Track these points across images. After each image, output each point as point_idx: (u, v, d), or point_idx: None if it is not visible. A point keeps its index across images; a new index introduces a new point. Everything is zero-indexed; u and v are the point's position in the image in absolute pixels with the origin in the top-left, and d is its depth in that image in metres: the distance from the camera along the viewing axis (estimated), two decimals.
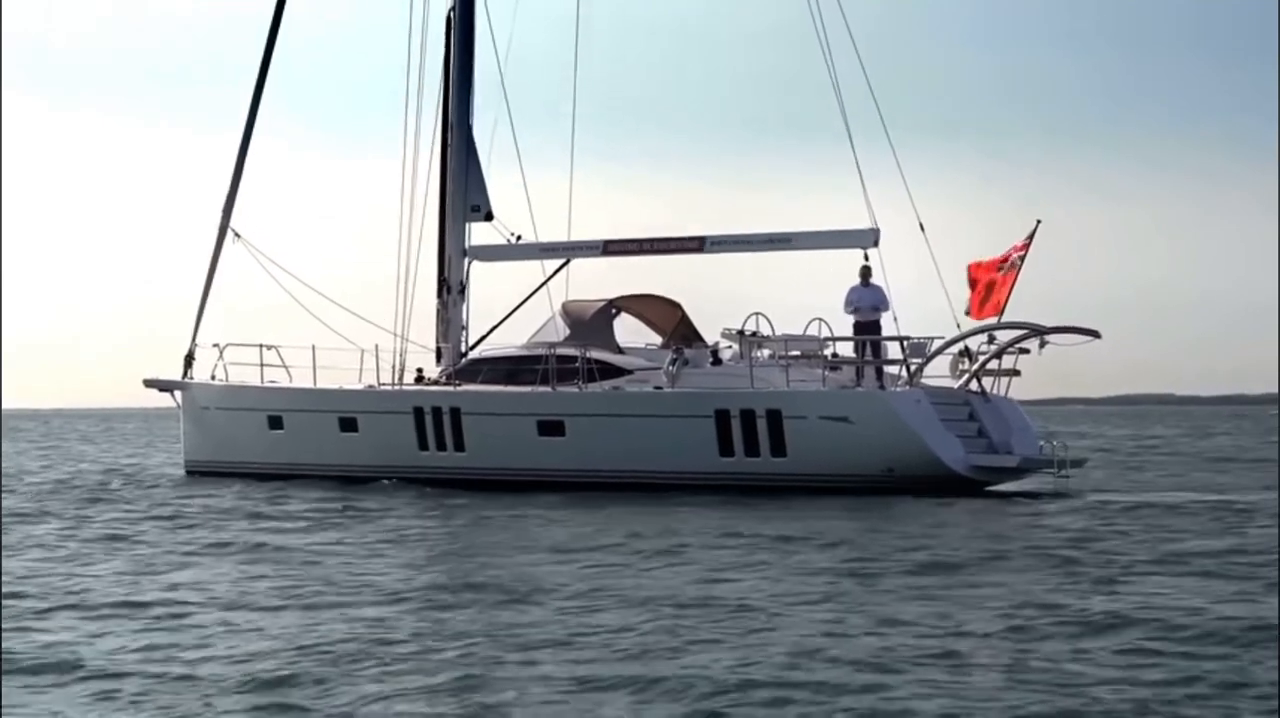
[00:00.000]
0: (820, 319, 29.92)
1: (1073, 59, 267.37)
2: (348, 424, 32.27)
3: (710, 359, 30.35)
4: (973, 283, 29.09)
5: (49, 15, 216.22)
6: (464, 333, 33.82)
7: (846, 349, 30.08)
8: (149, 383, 35.92)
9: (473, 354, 33.15)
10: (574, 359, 29.87)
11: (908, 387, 28.61)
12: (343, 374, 33.34)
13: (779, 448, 28.05)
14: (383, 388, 32.64)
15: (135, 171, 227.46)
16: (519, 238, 33.60)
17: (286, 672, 10.76)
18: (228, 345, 34.48)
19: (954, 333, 29.18)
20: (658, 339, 31.80)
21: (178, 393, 35.24)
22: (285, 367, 34.22)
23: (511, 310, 33.66)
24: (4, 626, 12.68)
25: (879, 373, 29.36)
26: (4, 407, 68.94)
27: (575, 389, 29.86)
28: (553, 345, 30.50)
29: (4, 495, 29.03)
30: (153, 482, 33.60)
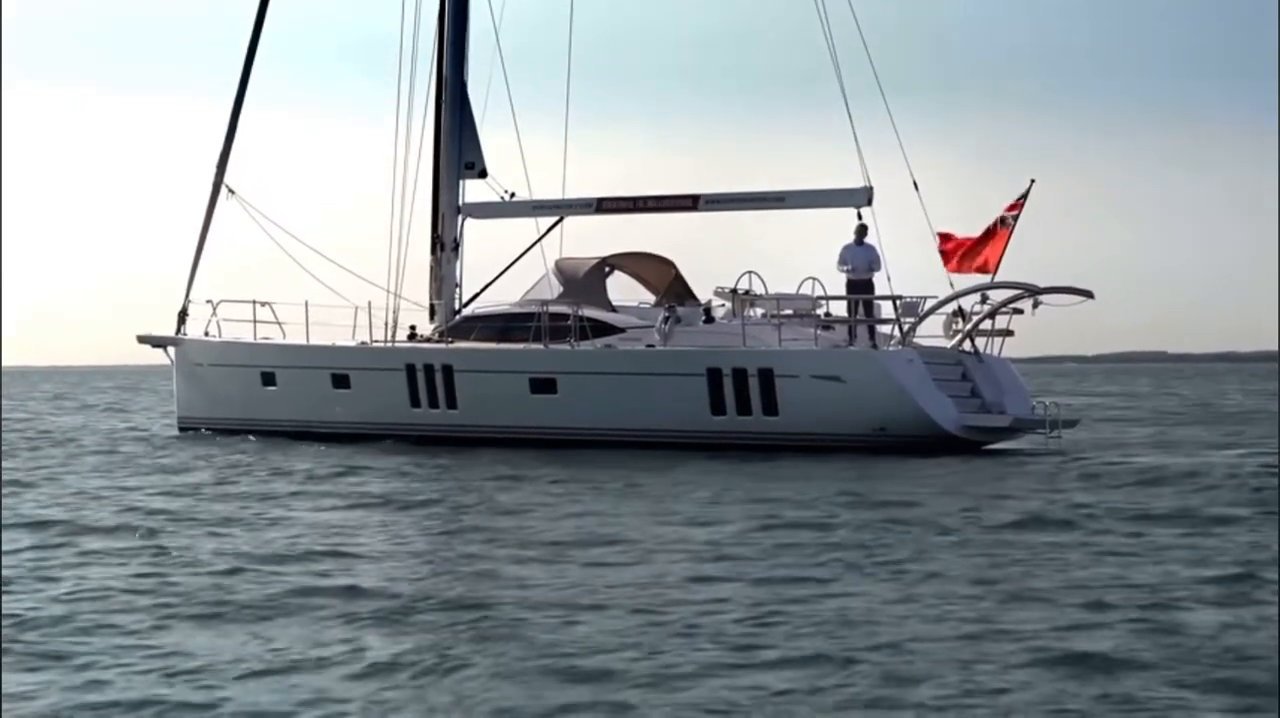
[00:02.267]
0: (813, 278, 29.89)
1: (1072, 16, 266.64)
2: (340, 381, 32.25)
3: (703, 318, 30.30)
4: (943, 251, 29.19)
5: None
6: (457, 290, 33.75)
7: (840, 308, 30.06)
8: (142, 339, 35.86)
9: (466, 311, 33.09)
10: (567, 317, 29.82)
11: (900, 346, 28.58)
12: (336, 331, 33.32)
13: (771, 407, 28.02)
14: (375, 345, 32.61)
15: (135, 138, 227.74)
16: (513, 195, 33.51)
17: None
18: (221, 302, 34.47)
19: (947, 293, 29.16)
20: (651, 297, 31.80)
21: (171, 349, 35.18)
22: (278, 323, 34.16)
23: (505, 268, 33.64)
24: None
25: (872, 332, 29.32)
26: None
27: (568, 347, 29.82)
28: (545, 303, 30.44)
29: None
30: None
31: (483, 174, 33.70)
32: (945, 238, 29.38)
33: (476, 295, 33.58)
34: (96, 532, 16.45)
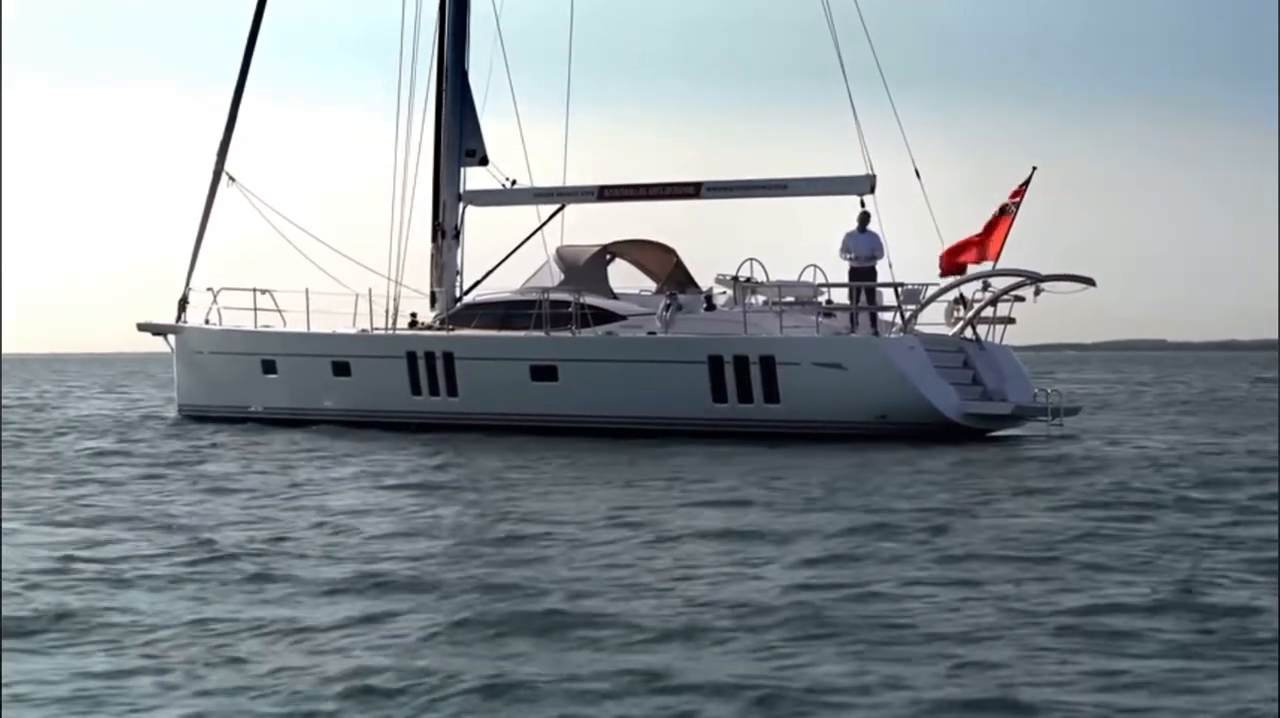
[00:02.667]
0: (815, 266, 29.88)
1: (1071, 10, 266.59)
2: (341, 369, 32.23)
3: (704, 305, 30.27)
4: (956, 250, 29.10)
5: None
6: (458, 278, 33.72)
7: (841, 296, 30.02)
8: (142, 327, 35.85)
9: (467, 299, 33.06)
10: (568, 304, 29.78)
11: (902, 334, 28.54)
12: (337, 318, 33.30)
13: (772, 394, 27.98)
14: (376, 332, 32.57)
15: (135, 127, 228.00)
16: (514, 183, 33.46)
17: None
18: (222, 289, 34.45)
19: (949, 280, 29.09)
20: (652, 285, 31.75)
21: (171, 337, 35.16)
22: (279, 311, 34.13)
23: (506, 255, 33.64)
24: None
25: (873, 319, 29.29)
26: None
27: (569, 334, 29.78)
28: (547, 290, 30.40)
29: None
30: None
31: (484, 162, 33.65)
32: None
33: (478, 283, 33.58)
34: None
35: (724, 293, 30.53)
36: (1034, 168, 29.20)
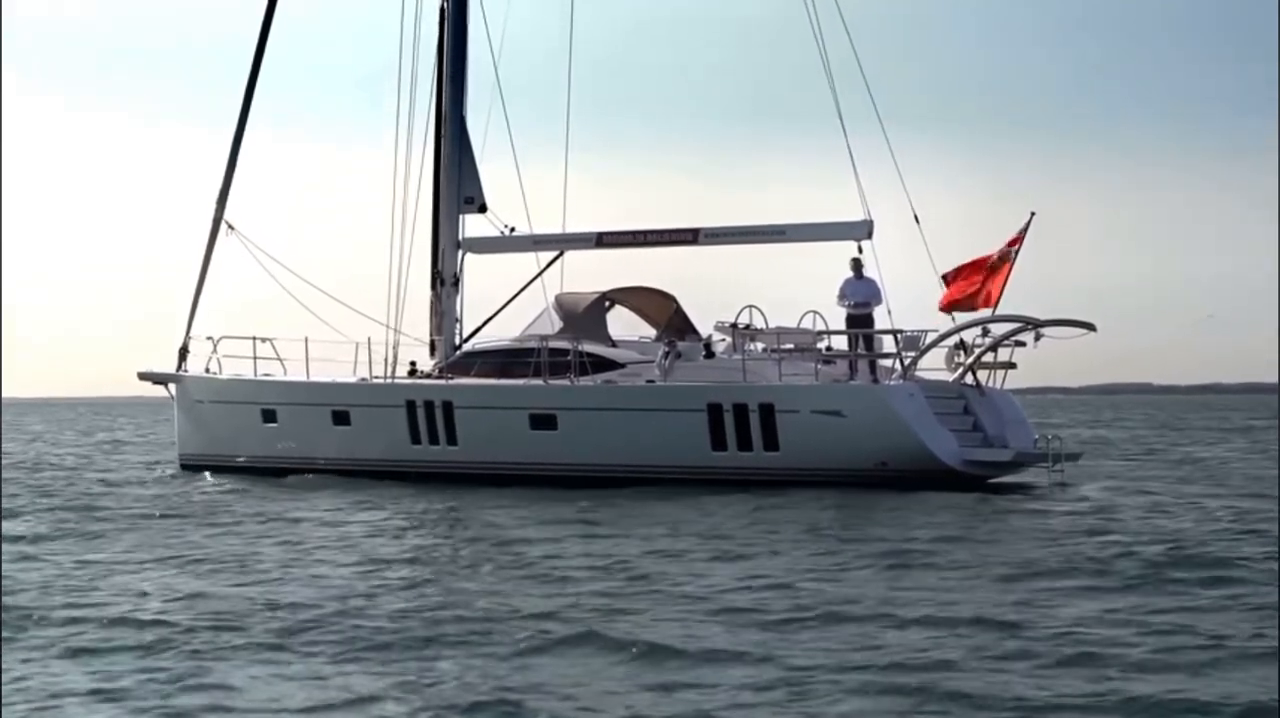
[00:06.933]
0: (814, 312, 29.78)
1: (1063, 53, 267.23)
2: (340, 418, 32.16)
3: (703, 352, 30.19)
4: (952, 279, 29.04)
5: (51, 6, 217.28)
6: (458, 325, 33.67)
7: (840, 343, 29.93)
8: (143, 376, 35.80)
9: (466, 347, 33.01)
10: (567, 352, 29.74)
11: (902, 380, 28.45)
12: (337, 367, 33.25)
13: (771, 442, 27.90)
14: (375, 381, 32.51)
15: (137, 166, 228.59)
16: (513, 230, 33.44)
17: None
18: (222, 338, 34.41)
19: (949, 326, 29.02)
20: (651, 332, 31.70)
21: (172, 386, 35.10)
22: (279, 359, 34.08)
23: (505, 303, 33.58)
24: None
25: (873, 366, 29.18)
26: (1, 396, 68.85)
27: (568, 383, 29.72)
28: (545, 338, 30.36)
29: None
30: None
31: (482, 209, 33.63)
32: (950, 278, 29.21)
33: (477, 331, 33.54)
34: None
35: (723, 340, 30.45)
36: (1032, 214, 29.18)
